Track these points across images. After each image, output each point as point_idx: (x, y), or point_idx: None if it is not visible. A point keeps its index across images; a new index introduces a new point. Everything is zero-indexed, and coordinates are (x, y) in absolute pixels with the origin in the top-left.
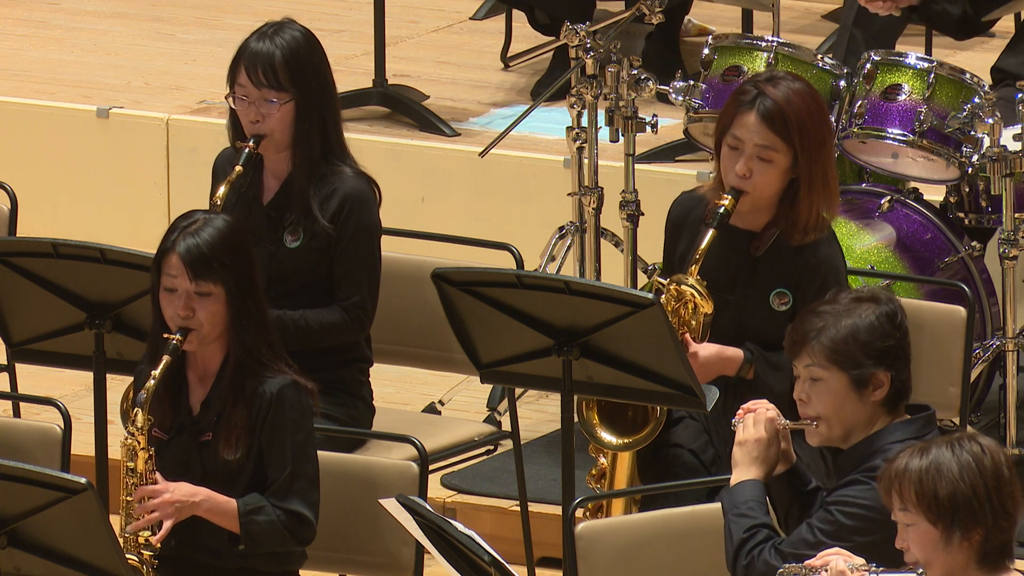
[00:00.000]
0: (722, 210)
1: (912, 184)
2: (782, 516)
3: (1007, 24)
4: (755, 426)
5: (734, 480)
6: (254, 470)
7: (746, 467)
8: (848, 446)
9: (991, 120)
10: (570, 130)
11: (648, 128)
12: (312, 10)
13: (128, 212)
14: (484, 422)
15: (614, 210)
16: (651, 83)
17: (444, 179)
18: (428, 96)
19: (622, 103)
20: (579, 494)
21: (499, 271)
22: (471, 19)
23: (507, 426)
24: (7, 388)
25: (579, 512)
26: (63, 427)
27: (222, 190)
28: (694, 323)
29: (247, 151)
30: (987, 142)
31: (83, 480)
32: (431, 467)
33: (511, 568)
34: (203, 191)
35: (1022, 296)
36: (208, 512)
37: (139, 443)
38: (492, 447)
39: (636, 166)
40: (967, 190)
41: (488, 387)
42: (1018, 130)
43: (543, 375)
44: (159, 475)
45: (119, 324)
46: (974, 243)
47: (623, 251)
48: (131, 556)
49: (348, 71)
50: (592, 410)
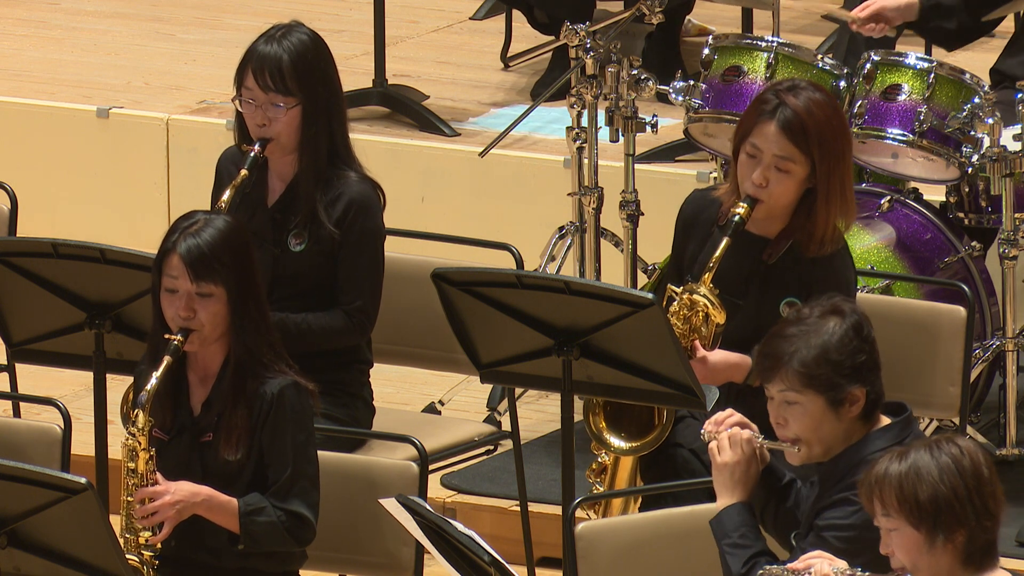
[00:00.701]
0: (737, 218)
1: (912, 184)
2: (759, 513)
3: (1007, 24)
4: (732, 448)
5: (719, 505)
6: (254, 471)
7: (729, 491)
8: (828, 458)
9: (991, 120)
10: (570, 130)
11: (648, 128)
12: (312, 10)
13: (128, 212)
14: (484, 422)
15: (614, 210)
16: (651, 83)
17: (444, 179)
18: (428, 96)
19: (622, 103)
20: (579, 494)
21: (499, 271)
22: (471, 19)
23: (507, 426)
24: (7, 388)
25: (579, 511)
26: (63, 427)
27: (227, 194)
28: (704, 331)
29: (252, 155)
30: (987, 142)
31: (83, 480)
32: (431, 467)
33: (511, 568)
34: (203, 191)
35: (1022, 296)
36: (209, 511)
37: (140, 444)
38: (492, 447)
39: (636, 166)
40: (967, 190)
41: (488, 387)
42: (1018, 130)
43: (543, 375)
44: (160, 476)
45: (119, 324)
46: (974, 243)
47: (623, 251)
48: (131, 556)
49: (348, 71)
50: (599, 415)
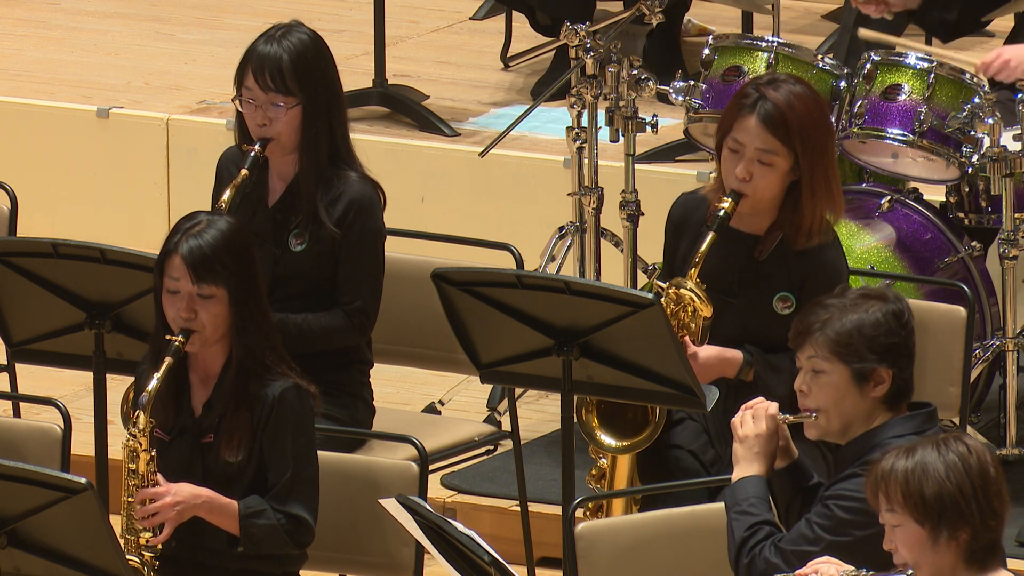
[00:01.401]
0: (722, 213)
1: (912, 184)
2: (783, 511)
3: (1007, 24)
4: (755, 421)
5: (736, 476)
6: (255, 473)
7: (748, 463)
8: (846, 441)
9: (991, 120)
10: (570, 130)
11: (648, 128)
12: (312, 10)
13: (128, 212)
14: (484, 422)
15: (614, 210)
16: (651, 83)
17: (444, 179)
18: (428, 96)
19: (622, 103)
20: (579, 494)
21: (499, 271)
22: (471, 19)
23: (507, 426)
24: (7, 388)
25: (579, 512)
26: (63, 427)
27: (227, 194)
28: (693, 326)
29: (253, 154)
30: (987, 142)
31: (83, 480)
32: (431, 467)
33: (511, 568)
34: (203, 191)
35: (1022, 296)
36: (209, 513)
37: (141, 445)
38: (492, 447)
39: (636, 166)
40: (967, 190)
41: (488, 387)
42: (1018, 130)
43: (543, 375)
44: (161, 477)
45: (119, 324)
46: (974, 243)
47: (623, 251)
48: (132, 557)
49: (348, 71)
50: (591, 413)
